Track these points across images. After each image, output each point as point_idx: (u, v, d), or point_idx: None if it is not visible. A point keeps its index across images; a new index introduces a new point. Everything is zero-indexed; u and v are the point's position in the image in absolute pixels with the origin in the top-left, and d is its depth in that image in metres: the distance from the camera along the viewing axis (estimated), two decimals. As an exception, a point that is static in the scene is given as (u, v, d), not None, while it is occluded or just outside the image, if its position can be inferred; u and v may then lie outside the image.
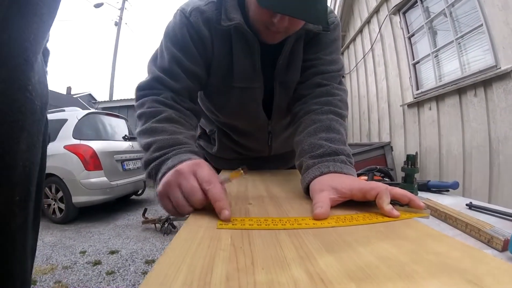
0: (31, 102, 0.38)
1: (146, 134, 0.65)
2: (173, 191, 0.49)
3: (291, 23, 0.68)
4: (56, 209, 4.07)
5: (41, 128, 0.43)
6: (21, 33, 0.36)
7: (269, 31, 0.71)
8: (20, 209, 0.39)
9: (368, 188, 0.49)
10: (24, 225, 0.41)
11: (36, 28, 0.38)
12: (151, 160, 0.60)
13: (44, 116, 0.44)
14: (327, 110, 0.75)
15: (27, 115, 0.38)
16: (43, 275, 2.41)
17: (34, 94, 0.38)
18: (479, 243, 0.57)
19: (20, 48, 0.36)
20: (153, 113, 0.68)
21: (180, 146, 0.61)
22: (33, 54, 0.38)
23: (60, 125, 4.24)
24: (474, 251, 0.31)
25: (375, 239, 0.35)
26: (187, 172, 0.49)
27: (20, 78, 0.36)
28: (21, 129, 0.37)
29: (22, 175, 0.39)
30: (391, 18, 4.63)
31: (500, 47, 2.65)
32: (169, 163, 0.55)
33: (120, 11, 12.55)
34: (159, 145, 0.61)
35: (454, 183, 1.00)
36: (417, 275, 0.25)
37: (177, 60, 0.75)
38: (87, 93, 16.96)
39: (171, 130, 0.65)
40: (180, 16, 0.77)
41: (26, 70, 0.37)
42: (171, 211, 0.51)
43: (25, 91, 0.37)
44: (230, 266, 0.28)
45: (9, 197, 0.37)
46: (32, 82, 0.38)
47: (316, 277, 0.25)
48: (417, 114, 4.02)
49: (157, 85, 0.75)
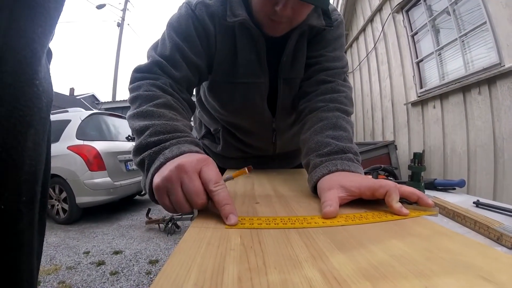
0: (38, 97, 0.37)
1: (141, 117, 0.61)
2: (174, 189, 0.45)
3: (294, 12, 0.68)
4: (59, 210, 4.08)
5: (46, 126, 0.42)
6: (29, 24, 0.35)
7: (272, 22, 0.71)
8: (27, 209, 0.39)
9: (377, 186, 0.48)
10: (31, 225, 0.41)
11: (43, 21, 0.37)
12: (145, 146, 0.55)
13: (49, 115, 0.44)
14: (333, 107, 0.74)
15: (34, 110, 0.37)
16: (47, 276, 2.41)
17: (41, 89, 0.38)
18: (488, 241, 0.56)
19: (28, 40, 0.35)
20: (150, 96, 0.65)
21: (179, 133, 0.57)
22: (40, 48, 0.37)
23: (64, 126, 4.25)
24: (486, 249, 0.31)
25: (386, 237, 0.35)
26: (191, 170, 0.45)
27: (27, 71, 0.35)
28: (29, 125, 0.36)
29: (29, 174, 0.38)
30: (394, 16, 4.61)
31: (504, 44, 2.63)
32: (167, 153, 0.51)
33: (122, 12, 12.59)
34: (156, 130, 0.56)
35: (461, 181, 0.99)
36: (432, 273, 0.25)
37: (179, 49, 0.74)
38: (90, 94, 17.02)
39: (168, 116, 0.61)
40: (185, 8, 0.77)
41: (33, 63, 0.36)
42: (169, 208, 0.48)
43: (32, 85, 0.36)
44: (241, 266, 0.27)
45: (16, 195, 0.37)
46: (39, 76, 0.37)
47: (329, 276, 0.25)
48: (421, 113, 4.00)
49: (156, 69, 0.72)
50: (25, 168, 0.37)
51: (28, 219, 0.39)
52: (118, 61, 12.39)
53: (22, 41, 0.35)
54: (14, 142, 0.35)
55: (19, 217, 0.37)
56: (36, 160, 0.40)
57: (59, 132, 4.15)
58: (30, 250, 0.41)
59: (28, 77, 0.36)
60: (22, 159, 0.36)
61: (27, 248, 0.40)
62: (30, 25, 0.35)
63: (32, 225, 0.41)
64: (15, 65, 0.34)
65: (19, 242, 0.38)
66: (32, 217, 0.40)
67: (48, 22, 0.38)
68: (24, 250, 0.40)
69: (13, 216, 0.37)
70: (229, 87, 0.85)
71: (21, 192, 0.37)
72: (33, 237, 0.42)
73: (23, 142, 0.36)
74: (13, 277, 0.38)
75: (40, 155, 0.41)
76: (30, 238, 0.41)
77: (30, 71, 0.36)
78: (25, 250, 0.40)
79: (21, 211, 0.38)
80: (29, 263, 0.41)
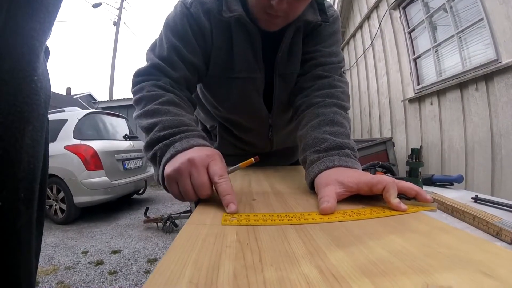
0: (36, 94, 0.37)
1: (148, 115, 0.65)
2: (183, 179, 0.50)
3: (290, 6, 0.67)
4: (57, 210, 4.06)
5: (44, 123, 0.42)
6: (27, 20, 0.34)
7: (268, 16, 0.70)
8: (26, 207, 0.38)
9: (374, 182, 0.48)
10: (29, 224, 0.40)
11: (42, 17, 0.36)
12: (156, 140, 0.59)
13: (47, 112, 0.43)
14: (330, 103, 0.74)
15: (33, 107, 0.36)
16: (45, 276, 2.41)
17: (39, 86, 0.37)
18: (487, 236, 0.56)
19: (26, 36, 0.35)
20: (154, 96, 0.68)
21: (186, 127, 0.60)
22: (39, 44, 0.37)
23: (60, 126, 4.23)
24: (485, 243, 0.31)
25: (385, 233, 0.34)
26: (200, 165, 0.50)
27: (25, 68, 0.35)
28: (27, 122, 0.36)
29: (27, 171, 0.37)
30: (391, 13, 4.61)
31: (501, 41, 2.63)
32: (177, 146, 0.55)
33: (118, 10, 12.54)
34: (164, 125, 0.60)
35: (459, 177, 0.99)
36: (431, 269, 0.25)
37: (176, 50, 0.75)
38: (87, 93, 16.92)
39: (174, 112, 0.64)
40: (180, 7, 0.77)
41: (32, 60, 0.36)
42: (177, 196, 0.53)
43: (30, 82, 0.36)
44: (237, 263, 0.27)
45: (15, 193, 0.36)
46: (37, 72, 0.37)
47: (327, 273, 0.24)
48: (419, 109, 4.01)
49: (155, 71, 0.75)
50: (23, 165, 0.36)
51: (26, 217, 0.39)
52: (114, 60, 12.34)
53: (20, 37, 0.34)
54: (12, 138, 0.34)
55: (17, 215, 0.37)
56: (35, 158, 0.39)
57: (56, 131, 4.13)
58: (28, 249, 0.41)
59: (26, 73, 0.35)
60: (20, 156, 0.36)
61: (26, 247, 0.40)
62: (29, 21, 0.35)
63: (30, 223, 0.40)
64: (13, 61, 0.34)
65: (17, 240, 0.38)
66: (30, 215, 0.40)
67: (46, 19, 0.37)
68: (23, 248, 0.39)
69: (11, 214, 0.36)
70: (225, 82, 0.84)
71: (19, 190, 0.36)
72: (31, 235, 0.41)
73: (21, 139, 0.35)
74: (11, 276, 0.37)
75: (38, 152, 0.40)
76: (28, 236, 0.40)
77: (28, 68, 0.35)
78: (24, 248, 0.39)
79: (19, 209, 0.37)
80: (28, 262, 0.41)
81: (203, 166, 0.50)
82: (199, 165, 0.50)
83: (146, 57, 0.79)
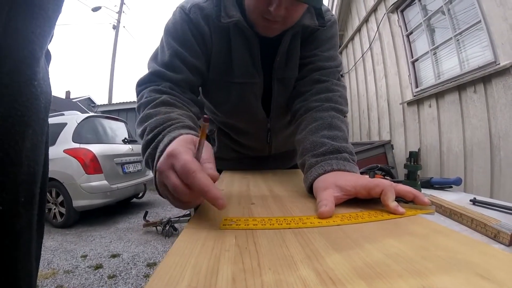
0: (36, 98, 0.37)
1: (142, 122, 0.63)
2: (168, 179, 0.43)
3: (288, 12, 0.67)
4: (56, 213, 4.05)
5: (44, 127, 0.42)
6: (27, 25, 0.35)
7: (266, 22, 0.70)
8: (26, 210, 0.38)
9: (372, 185, 0.48)
10: (29, 227, 0.40)
11: (42, 22, 0.37)
12: (144, 146, 0.57)
13: (48, 116, 0.43)
14: (328, 107, 0.74)
15: (33, 111, 0.36)
16: (44, 280, 2.40)
17: (40, 90, 0.37)
18: (485, 238, 0.56)
19: (26, 40, 0.35)
20: (149, 101, 0.68)
21: (170, 122, 0.57)
22: (39, 49, 0.37)
23: (60, 129, 4.22)
24: (483, 246, 0.31)
25: (382, 236, 0.35)
26: (166, 169, 0.43)
27: (25, 72, 0.35)
28: (27, 125, 0.36)
29: (27, 175, 0.38)
30: (389, 16, 4.64)
31: (499, 43, 2.65)
32: (161, 146, 0.51)
33: (118, 14, 12.56)
34: (151, 127, 0.58)
35: (457, 179, 1.00)
36: (428, 271, 0.25)
37: (178, 55, 0.75)
38: (86, 97, 16.90)
39: (163, 111, 0.62)
40: (179, 13, 0.77)
41: (32, 64, 0.36)
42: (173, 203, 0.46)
43: (30, 86, 0.36)
44: (235, 267, 0.27)
45: (14, 196, 0.36)
46: (37, 77, 0.37)
47: (324, 276, 0.24)
48: (417, 112, 4.02)
49: (156, 78, 0.75)
50: (24, 169, 0.37)
51: (26, 220, 0.39)
52: (114, 64, 12.33)
53: (20, 42, 0.34)
54: (12, 142, 0.34)
55: (17, 218, 0.37)
56: (35, 161, 0.39)
57: (55, 135, 4.12)
58: (28, 251, 0.41)
59: (26, 77, 0.35)
60: (20, 159, 0.36)
61: (26, 250, 0.40)
62: (29, 26, 0.35)
63: (30, 227, 0.40)
64: (13, 65, 0.34)
65: (17, 243, 0.38)
66: (30, 219, 0.40)
67: (47, 23, 0.38)
68: (22, 251, 0.39)
69: (11, 217, 0.36)
70: (224, 87, 0.85)
71: (19, 193, 0.37)
72: (31, 238, 0.41)
73: (21, 143, 0.36)
74: (11, 278, 0.37)
75: (39, 156, 0.41)
76: (28, 239, 0.40)
77: (28, 72, 0.35)
78: (24, 251, 0.39)
79: (20, 212, 0.37)
80: (27, 264, 0.41)
81: (169, 169, 0.42)
82: (166, 170, 0.43)
83: (147, 66, 0.79)
